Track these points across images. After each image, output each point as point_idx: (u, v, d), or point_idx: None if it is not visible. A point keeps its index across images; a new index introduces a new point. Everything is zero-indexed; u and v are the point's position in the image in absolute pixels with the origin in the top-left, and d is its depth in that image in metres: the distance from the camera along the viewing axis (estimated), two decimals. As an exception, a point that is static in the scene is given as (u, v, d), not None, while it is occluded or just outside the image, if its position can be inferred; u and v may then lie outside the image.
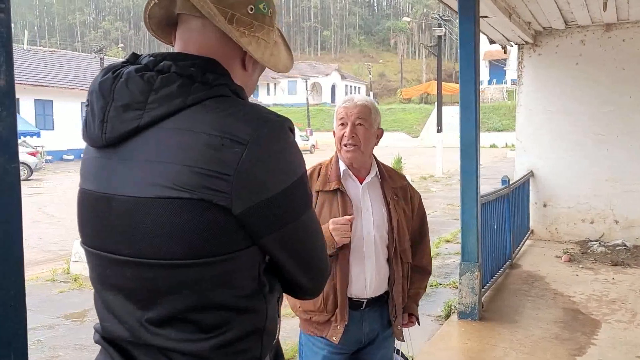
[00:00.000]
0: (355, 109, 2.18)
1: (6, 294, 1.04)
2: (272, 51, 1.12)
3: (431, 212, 11.70)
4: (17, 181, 1.04)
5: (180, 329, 0.98)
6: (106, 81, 1.01)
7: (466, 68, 4.52)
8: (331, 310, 2.15)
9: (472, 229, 4.61)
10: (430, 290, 5.94)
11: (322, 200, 2.19)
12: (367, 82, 64.85)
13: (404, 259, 2.25)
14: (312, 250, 1.09)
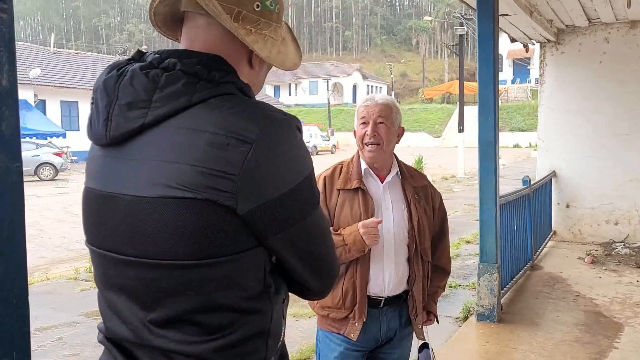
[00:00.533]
0: (376, 108, 2.20)
1: (9, 292, 1.04)
2: (280, 48, 1.10)
3: (452, 212, 11.59)
4: (20, 180, 1.05)
5: (184, 330, 0.97)
6: (110, 79, 1.01)
7: (485, 67, 4.46)
8: (349, 307, 2.16)
9: (491, 230, 4.55)
10: (449, 291, 5.88)
11: (343, 198, 2.20)
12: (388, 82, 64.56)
13: (424, 258, 2.26)
14: (320, 250, 1.07)
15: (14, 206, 1.04)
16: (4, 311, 1.03)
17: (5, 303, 1.03)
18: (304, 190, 1.00)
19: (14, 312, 1.04)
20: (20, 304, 1.05)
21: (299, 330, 4.76)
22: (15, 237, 1.04)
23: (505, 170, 21.06)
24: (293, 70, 1.18)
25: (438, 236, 2.39)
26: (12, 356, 1.03)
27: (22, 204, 1.06)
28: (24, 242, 1.06)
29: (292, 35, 1.20)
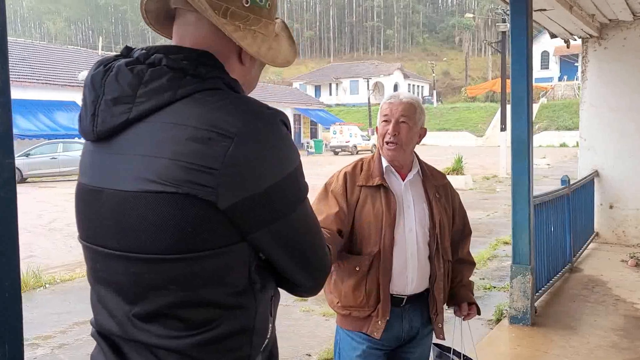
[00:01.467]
0: (399, 106, 2.17)
1: (1, 286, 1.07)
2: (271, 45, 1.09)
3: (491, 213, 11.37)
4: (13, 176, 1.07)
5: (166, 325, 0.97)
6: (97, 75, 1.02)
7: (518, 63, 4.35)
8: (373, 305, 2.14)
9: (524, 231, 4.43)
10: (482, 293, 5.77)
11: (365, 195, 2.18)
12: (430, 81, 63.85)
13: (445, 257, 2.23)
14: (306, 246, 1.06)
15: (6, 201, 1.07)
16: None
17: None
18: (289, 185, 0.99)
19: (5, 305, 1.07)
20: (12, 297, 1.08)
21: (328, 330, 4.75)
22: (7, 233, 1.07)
23: (550, 170, 20.51)
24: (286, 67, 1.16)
25: (461, 234, 2.38)
26: (4, 348, 1.05)
27: (15, 199, 1.08)
28: (16, 237, 1.09)
29: (288, 33, 1.19)
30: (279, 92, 44.70)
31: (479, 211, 11.66)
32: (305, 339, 4.64)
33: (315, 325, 4.87)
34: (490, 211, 11.62)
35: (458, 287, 2.31)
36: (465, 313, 2.27)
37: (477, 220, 10.54)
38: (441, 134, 46.01)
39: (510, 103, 4.44)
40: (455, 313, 2.31)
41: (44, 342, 4.61)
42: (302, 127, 43.87)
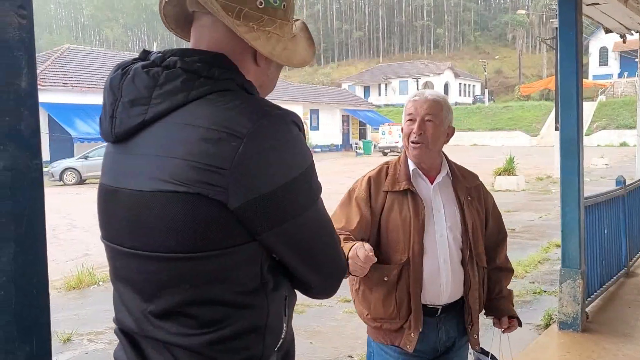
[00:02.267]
0: (425, 104, 2.07)
1: (29, 283, 1.10)
2: (286, 45, 1.09)
3: (544, 214, 11.03)
4: (40, 176, 1.11)
5: (180, 322, 0.99)
6: (115, 78, 1.05)
7: (567, 60, 4.20)
8: (404, 316, 2.04)
9: (574, 234, 4.27)
10: (532, 297, 5.61)
11: (392, 201, 2.08)
12: (482, 80, 62.55)
13: (479, 263, 2.12)
14: (318, 248, 1.05)
15: (33, 200, 1.10)
16: (24, 300, 1.09)
17: (25, 292, 1.10)
18: (299, 186, 0.98)
19: (33, 302, 1.11)
20: (40, 294, 1.12)
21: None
22: (34, 230, 1.10)
23: (609, 170, 19.72)
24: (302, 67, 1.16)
25: (496, 239, 2.26)
26: (32, 344, 1.09)
27: (42, 198, 1.12)
28: (43, 235, 1.12)
29: (307, 34, 1.19)
30: (328, 94, 44.85)
31: (531, 213, 11.33)
32: (348, 340, 4.62)
33: (358, 327, 4.83)
34: (543, 213, 11.26)
35: (498, 298, 2.21)
36: (506, 326, 2.17)
37: (528, 222, 10.26)
38: (493, 134, 45.02)
39: (560, 101, 4.30)
40: (494, 325, 2.22)
41: (96, 337, 4.78)
42: (351, 128, 43.84)
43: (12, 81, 1.05)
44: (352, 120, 43.61)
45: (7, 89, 1.04)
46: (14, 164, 1.04)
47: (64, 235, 9.72)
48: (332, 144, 41.35)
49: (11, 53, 1.04)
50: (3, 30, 1.03)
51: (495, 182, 15.46)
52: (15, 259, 1.07)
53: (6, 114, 1.03)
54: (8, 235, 1.05)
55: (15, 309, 1.07)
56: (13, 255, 1.06)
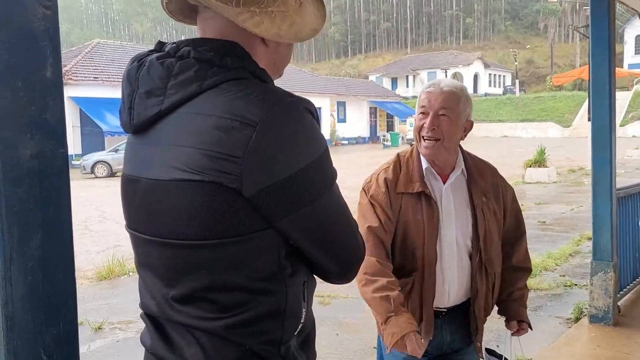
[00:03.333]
0: (440, 97, 1.88)
1: (55, 268, 1.13)
2: (293, 19, 1.07)
3: (575, 207, 10.83)
4: (66, 164, 1.13)
5: (200, 307, 1.01)
6: (132, 69, 1.06)
7: (599, 48, 4.09)
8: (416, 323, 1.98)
9: (605, 225, 4.18)
10: (562, 290, 5.52)
11: (406, 204, 1.95)
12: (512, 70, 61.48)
13: (489, 270, 2.01)
14: (335, 233, 1.05)
15: (59, 187, 1.13)
16: (51, 285, 1.12)
17: (52, 276, 1.13)
18: (313, 173, 0.98)
19: (60, 286, 1.13)
20: (67, 279, 1.14)
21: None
22: (61, 216, 1.13)
23: (648, 163, 19.20)
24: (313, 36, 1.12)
25: (514, 235, 2.14)
26: (59, 327, 1.12)
27: (68, 185, 1.14)
28: (69, 221, 1.15)
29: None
30: (355, 86, 44.66)
31: (562, 205, 11.13)
32: (374, 332, 4.58)
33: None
34: (575, 205, 11.05)
35: (508, 300, 2.11)
36: (515, 330, 2.09)
37: (559, 214, 10.08)
38: (524, 125, 44.25)
39: (591, 90, 4.20)
40: (505, 326, 2.15)
41: (126, 326, 4.89)
42: (378, 120, 43.61)
43: (38, 71, 1.07)
44: (380, 113, 43.37)
45: (33, 79, 1.06)
46: (40, 152, 1.07)
47: (96, 226, 9.93)
48: (359, 136, 41.22)
49: (36, 43, 1.06)
50: (28, 21, 1.05)
51: (526, 174, 15.22)
52: (42, 244, 1.10)
53: (32, 103, 1.06)
54: (36, 221, 1.08)
55: (43, 293, 1.10)
56: (41, 240, 1.09)
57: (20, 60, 1.04)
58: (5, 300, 1.06)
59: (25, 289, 1.07)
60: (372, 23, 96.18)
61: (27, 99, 1.05)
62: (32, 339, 1.08)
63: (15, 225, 1.05)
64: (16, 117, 1.04)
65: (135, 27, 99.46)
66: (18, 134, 1.04)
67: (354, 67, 73.72)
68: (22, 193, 1.06)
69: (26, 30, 1.04)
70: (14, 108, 1.03)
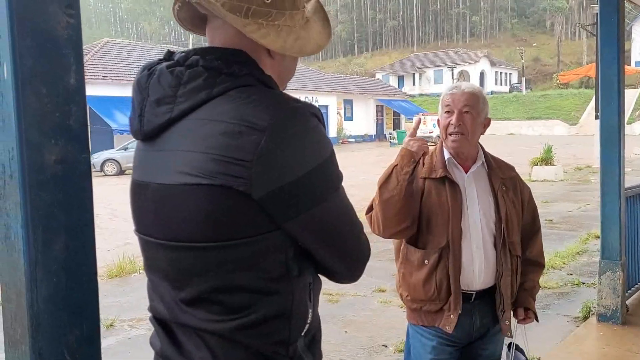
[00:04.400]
0: (462, 97, 2.13)
1: (79, 268, 1.16)
2: (299, 34, 1.10)
3: (582, 205, 10.79)
4: (88, 169, 1.16)
5: (208, 309, 1.03)
6: (142, 78, 1.10)
7: (607, 46, 4.10)
8: (444, 298, 2.12)
9: (614, 224, 4.18)
10: (570, 289, 5.52)
11: (429, 187, 2.16)
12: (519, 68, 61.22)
13: (512, 252, 2.17)
14: (342, 234, 1.08)
15: (82, 191, 1.16)
16: (74, 286, 1.15)
17: (75, 278, 1.15)
18: (320, 175, 1.01)
19: (84, 288, 1.16)
20: (89, 280, 1.17)
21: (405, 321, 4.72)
22: (84, 219, 1.16)
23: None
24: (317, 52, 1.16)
25: (530, 230, 2.30)
26: (82, 328, 1.15)
27: (90, 189, 1.17)
28: (92, 224, 1.18)
29: (322, 14, 1.19)
30: (361, 84, 44.61)
31: (569, 203, 11.10)
32: (383, 330, 4.64)
33: (393, 317, 4.86)
34: (582, 203, 11.02)
35: (519, 290, 2.25)
36: (521, 317, 2.22)
37: (566, 213, 10.06)
38: (531, 123, 44.07)
39: (600, 89, 4.19)
40: (513, 315, 2.26)
41: (137, 324, 4.93)
42: (385, 118, 43.56)
43: (61, 78, 1.09)
44: (386, 111, 43.31)
45: (57, 86, 1.08)
46: (64, 157, 1.09)
47: (106, 224, 9.99)
48: (366, 134, 41.19)
49: (60, 51, 1.09)
50: (52, 29, 1.07)
51: (533, 172, 15.16)
52: (66, 247, 1.12)
53: (56, 109, 1.08)
54: (59, 224, 1.10)
55: (67, 295, 1.12)
56: (64, 243, 1.12)
57: (44, 67, 1.06)
58: (30, 301, 1.09)
59: (50, 290, 1.10)
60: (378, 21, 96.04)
61: (51, 105, 1.08)
62: (56, 339, 1.11)
63: (40, 229, 1.08)
64: (41, 123, 1.06)
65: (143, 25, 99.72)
66: (43, 140, 1.07)
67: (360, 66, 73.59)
68: (46, 197, 1.09)
69: (51, 38, 1.06)
70: (39, 114, 1.06)
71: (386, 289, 5.52)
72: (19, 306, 1.13)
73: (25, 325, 1.11)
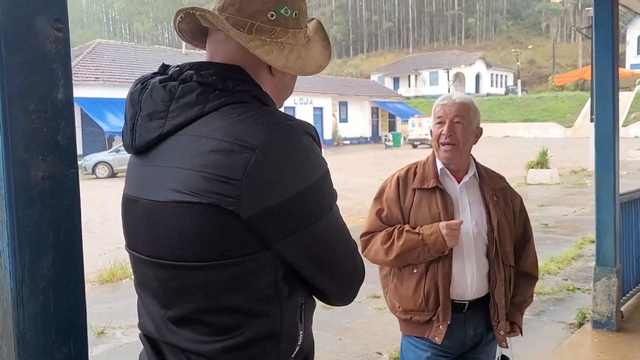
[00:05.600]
0: (453, 107, 2.14)
1: (66, 286, 1.14)
2: (300, 53, 1.10)
3: (578, 209, 10.81)
4: (76, 184, 1.14)
5: (196, 329, 1.01)
6: (135, 92, 1.08)
7: (603, 52, 4.10)
8: (432, 309, 2.11)
9: (609, 231, 4.18)
10: (565, 294, 5.51)
11: (420, 198, 2.16)
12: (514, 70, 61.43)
13: (505, 262, 2.16)
14: (335, 256, 1.06)
15: (70, 208, 1.13)
16: (62, 304, 1.13)
17: (63, 296, 1.13)
18: (312, 195, 0.99)
19: (71, 305, 1.14)
20: (77, 297, 1.15)
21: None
22: (72, 236, 1.14)
23: (649, 164, 19.18)
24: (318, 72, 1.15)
25: (521, 240, 2.29)
26: (69, 346, 1.12)
27: (79, 205, 1.15)
28: (80, 241, 1.16)
29: (323, 34, 1.19)
30: (357, 86, 44.66)
31: (565, 207, 11.11)
32: (377, 337, 4.62)
33: (387, 324, 4.84)
34: (577, 207, 11.04)
35: (510, 302, 2.22)
36: (507, 331, 2.20)
37: (562, 217, 10.07)
38: (526, 125, 44.25)
39: (595, 94, 4.21)
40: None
41: (128, 330, 4.89)
42: (380, 120, 43.61)
43: (49, 93, 1.07)
44: (382, 113, 43.36)
45: (45, 102, 1.06)
46: (52, 173, 1.07)
47: (98, 228, 9.94)
48: (361, 137, 41.22)
49: (48, 66, 1.07)
50: (40, 44, 1.05)
51: (528, 176, 15.21)
52: (54, 264, 1.10)
53: (44, 125, 1.06)
54: (47, 242, 1.08)
55: (54, 312, 1.10)
56: (52, 261, 1.10)
57: (32, 83, 1.04)
58: (17, 320, 1.07)
59: (37, 308, 1.08)
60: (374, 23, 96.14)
61: (39, 121, 1.06)
62: (43, 358, 1.09)
63: (26, 247, 1.06)
64: (29, 139, 1.04)
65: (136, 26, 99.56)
66: (30, 156, 1.05)
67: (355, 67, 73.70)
68: (34, 214, 1.07)
69: (39, 52, 1.04)
70: (26, 130, 1.04)
71: (380, 295, 5.46)
72: (5, 325, 1.11)
73: (12, 345, 1.09)
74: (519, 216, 2.29)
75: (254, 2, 1.05)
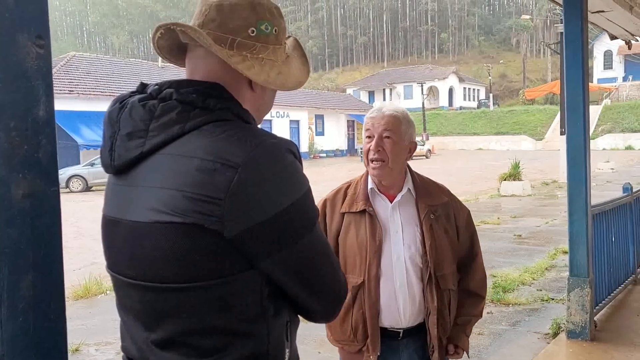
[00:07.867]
0: (382, 120, 1.99)
1: (47, 307, 1.12)
2: (280, 69, 1.10)
3: (550, 220, 11.00)
4: (57, 203, 1.12)
5: (181, 352, 1.00)
6: (114, 111, 1.07)
7: (573, 69, 4.20)
8: (362, 340, 2.02)
9: (582, 242, 4.26)
10: (540, 305, 5.59)
11: (348, 222, 2.04)
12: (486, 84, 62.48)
13: (442, 286, 2.02)
14: (317, 273, 1.06)
15: (51, 227, 1.12)
16: (42, 325, 1.11)
17: (44, 317, 1.11)
18: (295, 213, 0.99)
19: (51, 326, 1.12)
20: (58, 319, 1.13)
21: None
22: (52, 256, 1.12)
23: (615, 175, 19.65)
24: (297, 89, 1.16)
25: (467, 257, 2.15)
26: (49, 367, 1.10)
27: (60, 225, 1.13)
28: (61, 260, 1.14)
29: (300, 51, 1.20)
30: (333, 99, 44.91)
31: (537, 218, 11.30)
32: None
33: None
34: (550, 218, 11.23)
35: (453, 324, 2.11)
36: (451, 353, 2.11)
37: (535, 228, 10.24)
38: (498, 138, 44.99)
39: (566, 109, 4.31)
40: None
41: (104, 347, 4.79)
42: (356, 133, 43.82)
43: (31, 110, 1.06)
44: (357, 126, 43.59)
45: (26, 119, 1.05)
46: (32, 191, 1.06)
47: (71, 243, 9.74)
48: (337, 149, 41.39)
49: (29, 83, 1.06)
50: (22, 61, 1.04)
51: (501, 188, 15.49)
52: (34, 285, 1.08)
53: (25, 142, 1.05)
54: (27, 262, 1.07)
55: (34, 334, 1.08)
56: (32, 282, 1.08)
57: (13, 100, 1.03)
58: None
59: (16, 329, 1.06)
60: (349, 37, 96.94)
61: (19, 139, 1.04)
62: (22, 381, 1.06)
63: (6, 266, 1.04)
64: (9, 157, 1.03)
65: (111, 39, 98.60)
66: (10, 174, 1.03)
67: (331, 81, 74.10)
68: (13, 233, 1.05)
69: (20, 69, 1.03)
70: (6, 148, 1.02)
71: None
72: (-17, 347, 1.08)
73: (-10, 367, 1.07)
74: (465, 231, 2.13)
75: (235, 19, 1.05)
